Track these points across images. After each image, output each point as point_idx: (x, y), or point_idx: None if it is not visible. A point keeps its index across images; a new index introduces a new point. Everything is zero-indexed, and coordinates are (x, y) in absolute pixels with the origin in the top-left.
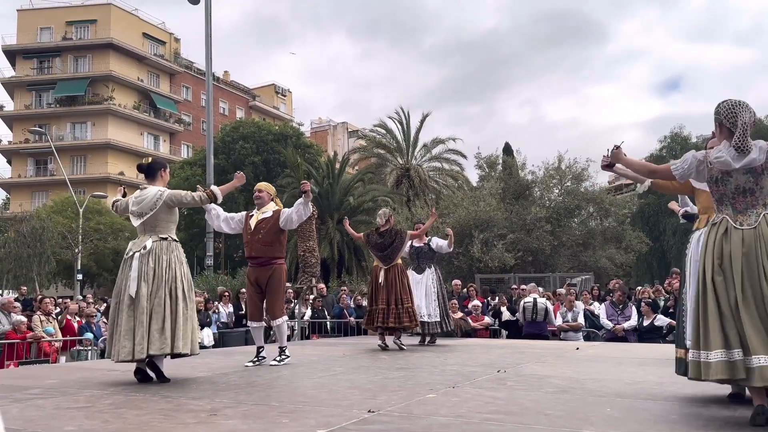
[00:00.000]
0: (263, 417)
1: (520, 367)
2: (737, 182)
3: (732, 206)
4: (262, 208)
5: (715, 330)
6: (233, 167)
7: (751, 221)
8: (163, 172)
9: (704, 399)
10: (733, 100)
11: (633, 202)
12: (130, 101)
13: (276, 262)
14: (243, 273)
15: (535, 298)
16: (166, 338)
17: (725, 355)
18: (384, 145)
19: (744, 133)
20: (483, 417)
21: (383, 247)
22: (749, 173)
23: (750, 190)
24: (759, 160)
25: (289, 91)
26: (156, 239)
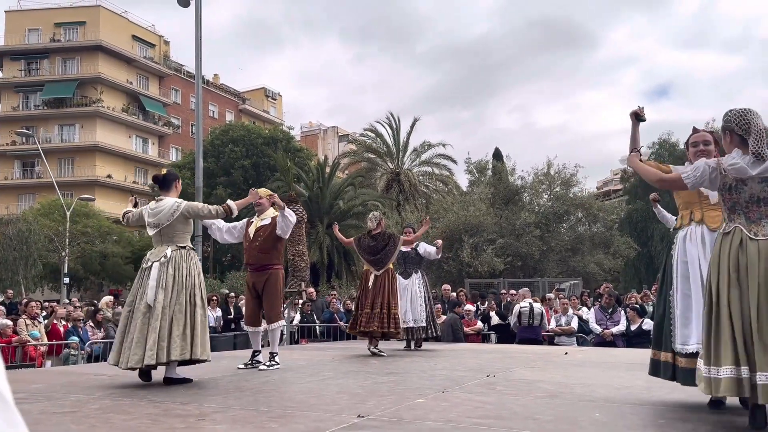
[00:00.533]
0: (252, 422)
1: (509, 372)
2: (752, 191)
3: (745, 215)
4: (261, 215)
5: (727, 346)
6: (222, 171)
7: (766, 232)
8: (177, 183)
9: (692, 404)
10: (743, 108)
11: (621, 207)
12: (119, 104)
13: (272, 267)
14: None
15: (530, 303)
16: (188, 344)
17: (734, 372)
18: (374, 149)
19: (760, 139)
20: (473, 422)
21: (375, 251)
22: (764, 182)
23: (764, 199)
24: None
25: (280, 95)
26: (175, 248)
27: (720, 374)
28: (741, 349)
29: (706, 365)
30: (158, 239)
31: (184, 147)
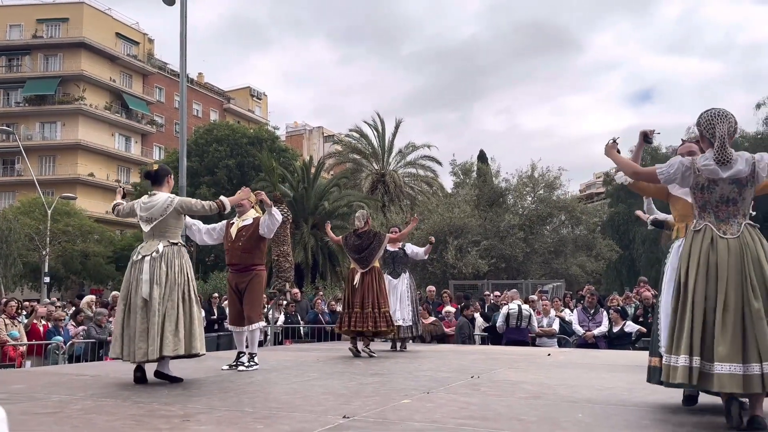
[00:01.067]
0: (237, 423)
1: (493, 373)
2: (722, 191)
3: (715, 214)
4: (242, 216)
5: (686, 336)
6: (206, 170)
7: (734, 230)
8: (169, 178)
9: (673, 405)
10: (712, 111)
11: (603, 210)
12: (102, 101)
13: (255, 268)
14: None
15: (519, 305)
16: (180, 340)
17: (687, 361)
18: (359, 150)
19: (722, 146)
20: (457, 422)
21: (360, 249)
22: (734, 183)
23: (733, 200)
24: (744, 172)
25: (265, 95)
26: (167, 244)
27: (678, 362)
28: (697, 341)
29: (667, 353)
30: (150, 234)
31: (167, 146)
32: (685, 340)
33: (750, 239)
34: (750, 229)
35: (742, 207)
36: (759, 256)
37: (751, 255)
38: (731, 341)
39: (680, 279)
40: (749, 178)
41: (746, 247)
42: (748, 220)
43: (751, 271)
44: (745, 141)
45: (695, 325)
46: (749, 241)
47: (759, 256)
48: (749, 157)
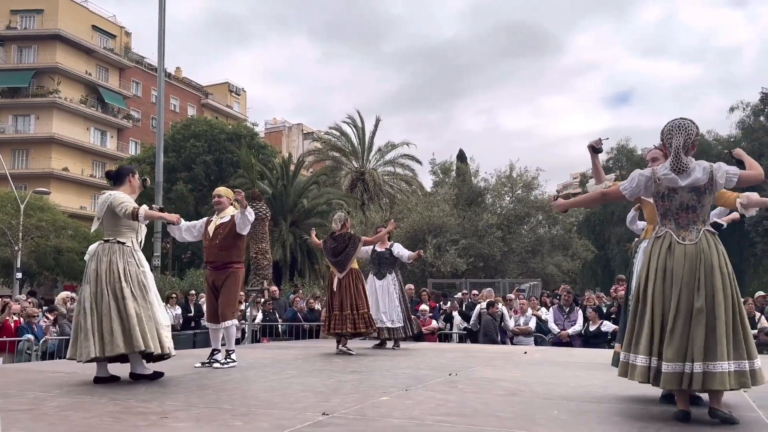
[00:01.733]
0: (216, 420)
1: (470, 371)
2: (682, 199)
3: (675, 221)
4: (221, 213)
5: (645, 336)
6: (184, 166)
7: (693, 237)
8: (131, 177)
9: (645, 401)
10: (673, 122)
11: (579, 211)
12: (77, 95)
13: (232, 266)
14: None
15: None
16: (115, 338)
17: (646, 361)
18: (339, 148)
19: (676, 157)
20: (435, 419)
21: (336, 253)
22: (693, 191)
23: (692, 207)
24: (702, 180)
25: (244, 90)
26: (101, 242)
27: (636, 361)
28: (656, 341)
29: (625, 351)
30: (98, 232)
31: (144, 141)
32: (644, 341)
33: (706, 245)
34: (709, 235)
35: (701, 214)
36: (713, 262)
37: (705, 260)
38: (678, 344)
39: (640, 282)
40: (707, 186)
41: (702, 253)
42: (708, 227)
43: (702, 275)
44: (719, 144)
45: (654, 327)
46: (705, 247)
47: (713, 261)
48: (707, 166)
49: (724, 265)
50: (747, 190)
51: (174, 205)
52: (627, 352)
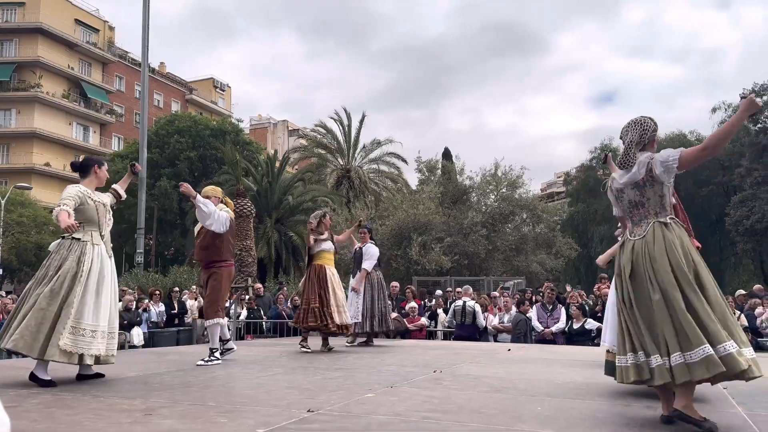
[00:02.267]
0: (201, 417)
1: (455, 368)
2: (629, 197)
3: (631, 219)
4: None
5: (625, 336)
6: (167, 162)
7: (642, 231)
8: (97, 168)
9: (627, 398)
10: (630, 120)
11: (563, 209)
12: (59, 89)
13: (215, 264)
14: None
15: (464, 301)
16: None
17: (633, 359)
18: (324, 145)
19: (626, 152)
20: (421, 415)
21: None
22: (635, 188)
23: (640, 203)
24: (639, 174)
25: (228, 86)
26: (59, 239)
27: (625, 362)
28: (635, 338)
29: (619, 355)
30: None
31: (127, 136)
32: (626, 341)
33: (652, 237)
34: (658, 227)
35: (651, 207)
36: (654, 253)
37: (649, 253)
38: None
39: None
40: (647, 179)
41: (647, 245)
42: (661, 219)
43: (649, 268)
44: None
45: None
46: (650, 240)
47: (654, 252)
48: (644, 159)
49: (664, 254)
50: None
51: (158, 202)
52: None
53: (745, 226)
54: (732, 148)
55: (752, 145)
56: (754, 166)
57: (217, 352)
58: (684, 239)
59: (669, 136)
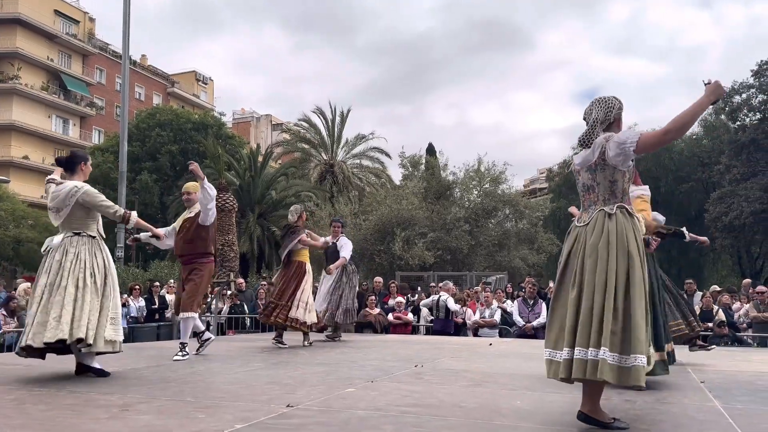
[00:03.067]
0: (178, 412)
1: (436, 362)
2: (583, 180)
3: (582, 204)
4: (190, 208)
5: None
6: (148, 155)
7: (587, 218)
8: (83, 165)
9: (607, 392)
10: (597, 98)
11: (546, 205)
12: (38, 81)
13: (197, 259)
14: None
15: (440, 296)
16: (62, 325)
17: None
18: (308, 140)
19: (590, 129)
20: (401, 410)
21: (284, 243)
22: (588, 171)
23: (591, 187)
24: (593, 156)
25: (211, 80)
26: (69, 235)
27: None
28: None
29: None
30: (61, 226)
31: (107, 129)
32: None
33: (593, 228)
34: (601, 216)
35: (600, 193)
36: (592, 241)
37: (586, 240)
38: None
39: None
40: (598, 161)
41: (586, 234)
42: (607, 207)
43: (585, 255)
44: (681, 141)
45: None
46: (590, 230)
47: (592, 241)
48: (599, 141)
49: (595, 250)
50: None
51: (138, 196)
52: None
53: (723, 223)
54: (711, 145)
55: (731, 143)
56: (733, 163)
57: (187, 347)
58: (627, 233)
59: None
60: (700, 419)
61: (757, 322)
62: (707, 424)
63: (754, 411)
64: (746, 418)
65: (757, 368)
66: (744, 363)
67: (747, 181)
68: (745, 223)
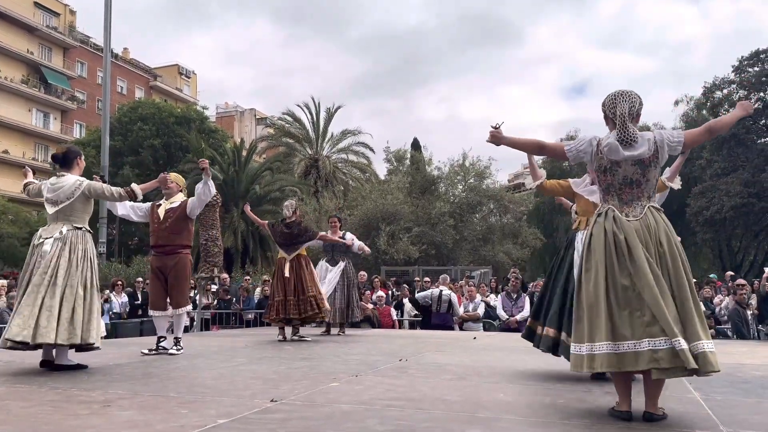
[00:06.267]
0: (161, 407)
1: (420, 356)
2: (625, 173)
3: (618, 197)
4: (170, 198)
5: (602, 322)
6: (130, 149)
7: (637, 213)
8: (79, 159)
9: (588, 384)
10: (616, 91)
11: (530, 200)
12: (18, 74)
13: (182, 251)
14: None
15: (441, 290)
16: (75, 328)
17: (610, 347)
18: (292, 134)
19: (623, 125)
20: (384, 403)
21: (289, 239)
22: (637, 165)
23: (637, 181)
24: (647, 153)
25: (194, 73)
26: (71, 228)
27: (595, 350)
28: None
29: (578, 343)
30: (55, 217)
31: (89, 123)
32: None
33: (653, 221)
34: (654, 211)
35: (646, 189)
36: (660, 238)
37: (652, 236)
38: (631, 321)
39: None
40: (652, 158)
41: (649, 228)
42: (652, 203)
43: (656, 253)
44: None
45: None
46: (651, 223)
47: (660, 237)
48: (651, 137)
49: (672, 242)
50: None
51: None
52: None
53: (704, 217)
54: None
55: (713, 138)
56: (714, 158)
57: (182, 341)
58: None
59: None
60: (680, 410)
61: (737, 314)
62: (687, 415)
63: (733, 402)
64: (725, 409)
65: (737, 360)
66: (724, 355)
67: (728, 176)
68: (726, 217)
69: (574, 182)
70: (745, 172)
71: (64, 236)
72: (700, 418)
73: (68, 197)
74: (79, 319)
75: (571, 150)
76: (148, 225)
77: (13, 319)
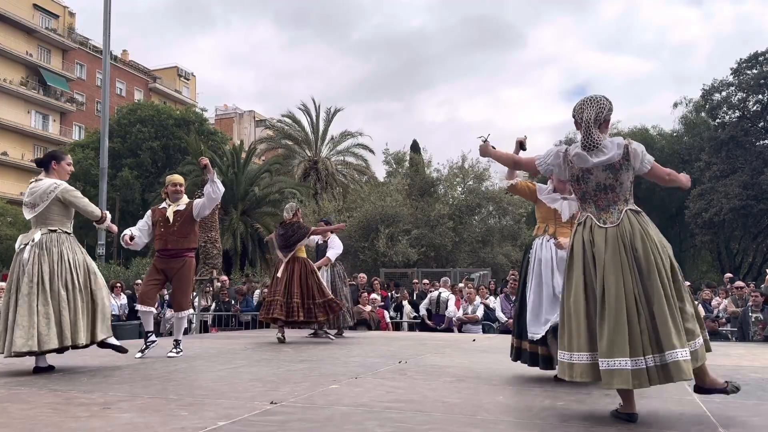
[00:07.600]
0: (161, 410)
1: (420, 358)
2: (597, 179)
3: (595, 204)
4: (177, 202)
5: (584, 331)
6: (129, 152)
7: (614, 219)
8: (54, 164)
9: (588, 387)
10: (585, 97)
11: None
12: (17, 76)
13: (188, 254)
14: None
15: (440, 292)
16: (64, 331)
17: (589, 358)
18: (292, 136)
19: (588, 131)
20: (384, 406)
21: (285, 239)
22: (608, 169)
23: (611, 186)
24: (616, 156)
25: (193, 75)
26: (45, 232)
27: (573, 360)
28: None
29: (561, 350)
30: (34, 221)
31: (88, 125)
32: (583, 337)
33: (629, 226)
34: (631, 215)
35: (621, 193)
36: (635, 244)
37: (630, 241)
38: (611, 335)
39: (568, 276)
40: (623, 162)
41: (625, 235)
42: (630, 206)
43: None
44: (662, 138)
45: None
46: (626, 228)
47: (635, 243)
48: (621, 141)
49: (648, 247)
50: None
51: (119, 193)
52: (563, 351)
53: (703, 219)
54: (692, 142)
55: (711, 140)
56: (712, 161)
57: (182, 343)
58: (656, 229)
59: (632, 130)
60: (679, 412)
61: (735, 317)
62: (685, 416)
63: (731, 404)
64: (724, 410)
65: (735, 362)
66: (723, 357)
67: (726, 178)
68: (725, 219)
69: (539, 188)
70: (743, 175)
71: (39, 241)
72: (699, 420)
73: (42, 200)
74: (66, 321)
75: (540, 164)
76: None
77: (13, 331)
